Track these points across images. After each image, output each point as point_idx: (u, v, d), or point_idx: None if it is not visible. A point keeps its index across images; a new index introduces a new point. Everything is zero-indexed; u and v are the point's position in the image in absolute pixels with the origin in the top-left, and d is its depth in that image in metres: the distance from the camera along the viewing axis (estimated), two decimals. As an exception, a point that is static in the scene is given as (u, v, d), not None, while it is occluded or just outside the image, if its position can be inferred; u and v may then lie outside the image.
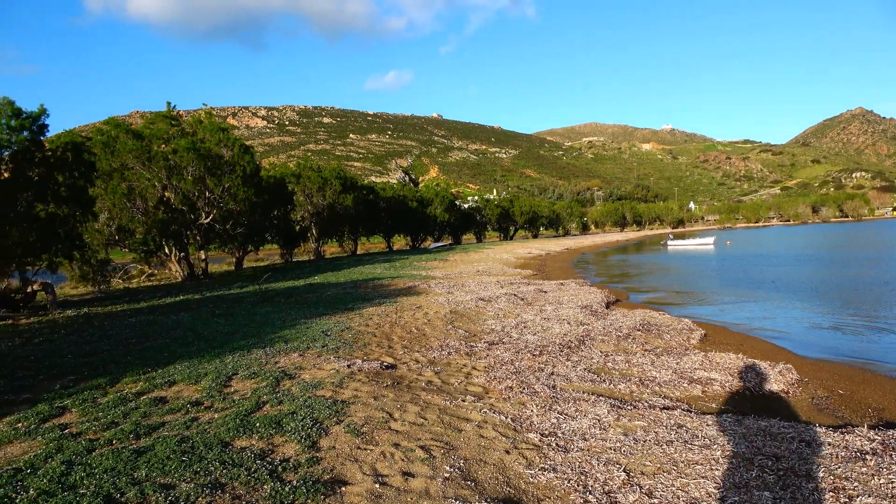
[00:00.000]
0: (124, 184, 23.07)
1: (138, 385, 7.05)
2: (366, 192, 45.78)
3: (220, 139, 25.11)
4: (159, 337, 10.42)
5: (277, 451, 4.94)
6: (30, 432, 5.51)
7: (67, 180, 16.99)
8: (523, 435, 5.52)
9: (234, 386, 6.93)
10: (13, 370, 8.30)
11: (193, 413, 5.89)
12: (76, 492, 4.08)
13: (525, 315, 12.60)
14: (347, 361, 8.15)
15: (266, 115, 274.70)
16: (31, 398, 6.84)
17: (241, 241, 30.35)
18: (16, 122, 15.85)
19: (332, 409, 5.93)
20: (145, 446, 4.94)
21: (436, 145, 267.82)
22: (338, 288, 18.03)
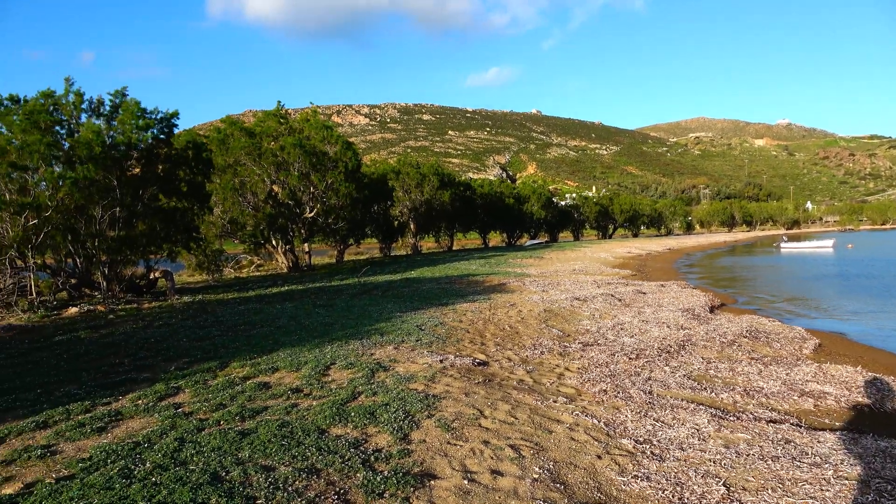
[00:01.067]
0: (236, 179, 24.49)
1: (245, 370, 7.47)
2: (463, 188, 46.11)
3: (324, 136, 26.09)
4: (265, 325, 10.99)
5: (370, 440, 5.09)
6: (148, 409, 5.98)
7: (188, 176, 18.21)
8: (616, 440, 5.38)
9: (331, 375, 7.19)
10: (136, 350, 9.03)
11: (294, 399, 6.18)
12: (186, 468, 4.39)
13: (622, 316, 12.25)
14: (440, 356, 8.25)
15: (368, 113, 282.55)
16: (151, 377, 7.41)
17: (343, 235, 31.43)
18: (143, 122, 17.19)
19: (424, 403, 6.03)
20: (249, 429, 5.23)
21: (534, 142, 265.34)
22: (433, 283, 18.29)
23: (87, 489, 4.05)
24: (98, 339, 10.20)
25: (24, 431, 5.45)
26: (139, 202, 17.07)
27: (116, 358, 8.64)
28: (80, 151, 15.17)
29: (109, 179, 16.04)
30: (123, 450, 4.77)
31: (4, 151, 14.62)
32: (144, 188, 17.23)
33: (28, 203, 14.09)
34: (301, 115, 28.77)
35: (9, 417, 5.94)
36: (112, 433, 5.31)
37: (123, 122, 17.01)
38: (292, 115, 29.81)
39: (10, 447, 5.08)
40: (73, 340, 10.23)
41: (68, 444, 5.09)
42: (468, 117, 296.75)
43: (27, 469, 4.57)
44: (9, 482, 4.31)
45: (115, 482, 4.14)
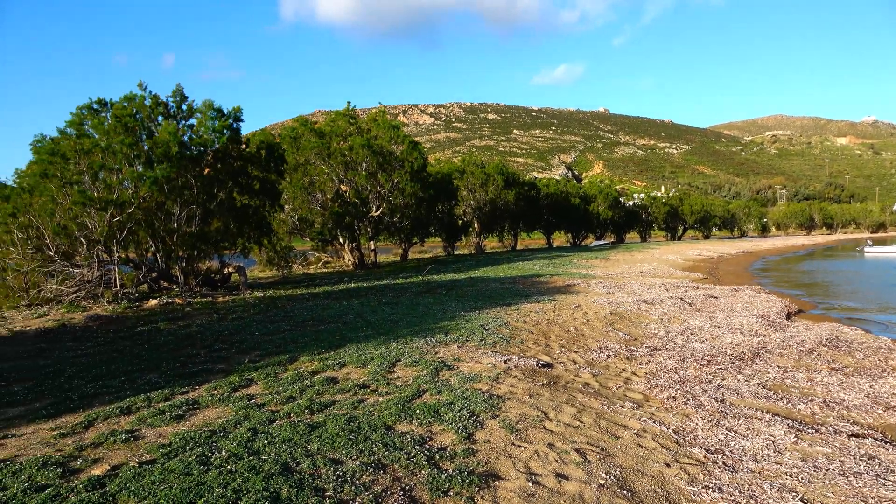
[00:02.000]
0: (306, 178, 25.13)
1: (313, 364, 7.67)
2: (527, 187, 45.79)
3: (391, 136, 26.44)
4: (332, 321, 11.25)
5: (435, 438, 5.13)
6: (223, 399, 6.22)
7: (260, 174, 18.82)
8: (686, 449, 5.23)
9: (397, 372, 7.29)
10: (212, 342, 9.41)
11: (360, 395, 6.30)
12: (259, 457, 4.55)
13: (692, 321, 11.89)
14: (504, 357, 8.23)
15: (434, 113, 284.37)
16: (225, 369, 7.71)
17: (408, 234, 31.77)
18: (218, 124, 17.88)
19: (488, 403, 6.03)
20: (318, 422, 5.37)
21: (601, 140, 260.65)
22: (497, 283, 18.25)
23: (167, 474, 4.26)
24: (176, 331, 10.69)
25: (110, 416, 5.77)
26: (214, 200, 17.77)
27: (193, 349, 9.03)
28: (159, 152, 15.91)
29: (186, 178, 16.76)
30: (200, 437, 4.99)
31: (91, 153, 15.51)
32: (219, 186, 17.92)
33: (112, 200, 14.89)
34: (369, 115, 29.25)
35: (96, 403, 6.31)
36: (190, 421, 5.56)
37: (200, 123, 17.75)
38: (361, 114, 30.35)
39: (97, 430, 5.39)
40: (153, 331, 10.76)
41: (150, 430, 5.37)
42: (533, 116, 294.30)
43: (113, 452, 4.85)
44: (97, 463, 4.58)
45: (193, 468, 4.33)
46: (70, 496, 3.98)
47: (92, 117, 16.73)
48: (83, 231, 14.87)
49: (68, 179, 15.04)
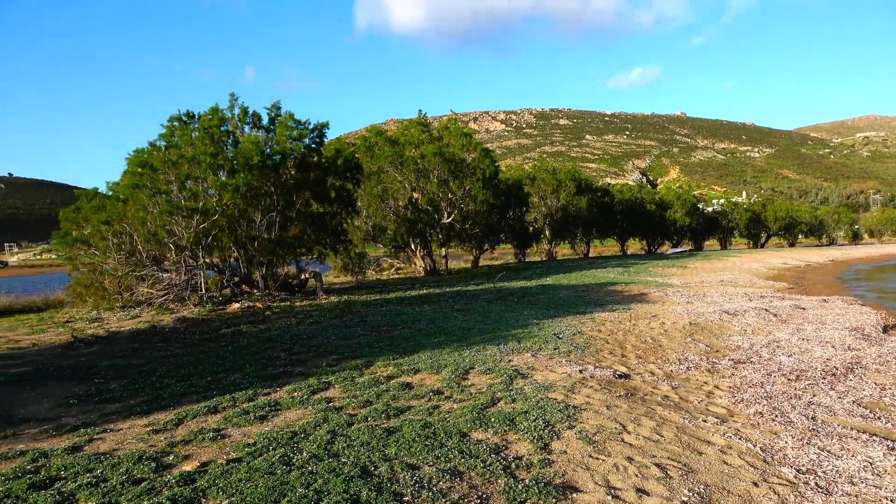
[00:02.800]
0: (380, 186, 25.60)
1: (388, 369, 7.79)
2: (600, 193, 45.00)
3: (463, 144, 26.58)
4: (406, 326, 11.38)
5: (511, 447, 5.10)
6: (303, 402, 6.40)
7: (337, 182, 19.31)
8: (775, 468, 4.99)
9: (470, 379, 7.30)
10: (291, 346, 9.71)
11: (435, 401, 6.34)
12: (339, 459, 4.65)
13: (778, 333, 11.34)
14: (579, 366, 8.10)
15: (504, 119, 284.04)
16: (304, 372, 7.94)
17: (479, 240, 31.80)
18: (296, 133, 18.49)
19: (564, 414, 5.94)
20: (394, 427, 5.44)
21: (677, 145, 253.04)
22: (569, 290, 17.99)
23: (252, 472, 4.42)
24: (257, 334, 11.09)
25: (198, 415, 6.05)
26: (293, 207, 18.38)
27: (273, 352, 9.35)
28: (241, 161, 16.59)
29: (267, 186, 17.41)
30: (283, 438, 5.15)
31: (179, 163, 16.35)
32: (297, 194, 18.52)
33: (198, 208, 15.63)
34: (441, 123, 29.52)
35: (185, 401, 6.62)
36: (272, 422, 5.75)
37: (279, 133, 18.41)
38: (433, 122, 30.68)
39: (187, 428, 5.66)
40: (236, 334, 11.20)
41: (235, 429, 5.59)
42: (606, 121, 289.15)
43: (202, 449, 5.07)
44: (188, 460, 4.81)
45: (276, 468, 4.48)
46: (164, 490, 4.19)
47: (181, 129, 17.64)
48: (171, 237, 15.68)
49: (158, 189, 15.90)
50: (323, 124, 19.10)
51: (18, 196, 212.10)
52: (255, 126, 18.58)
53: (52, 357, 9.66)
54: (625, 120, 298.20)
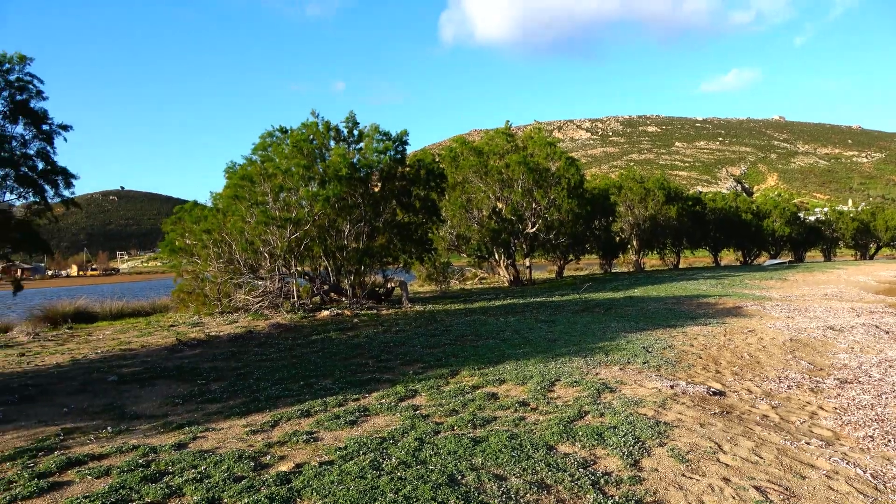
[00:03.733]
0: (464, 196, 25.79)
1: (473, 379, 7.82)
2: (691, 202, 43.43)
3: (548, 153, 26.39)
4: (490, 336, 11.39)
5: (599, 462, 5.00)
6: (391, 408, 6.54)
7: (422, 192, 19.62)
8: (888, 497, 4.63)
9: (556, 391, 7.21)
10: (378, 353, 9.93)
11: (521, 412, 6.31)
12: (426, 466, 4.72)
13: (890, 352, 10.52)
14: (670, 382, 7.83)
15: (590, 127, 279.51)
16: (391, 379, 8.10)
17: (563, 251, 31.40)
18: (382, 145, 18.96)
19: (655, 430, 5.77)
20: (480, 437, 5.45)
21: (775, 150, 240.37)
22: (658, 303, 17.44)
23: (344, 475, 4.55)
24: (346, 340, 11.42)
25: (292, 418, 6.30)
26: (379, 217, 18.83)
27: (362, 358, 9.59)
28: (330, 172, 17.18)
29: (354, 197, 17.94)
30: (372, 443, 5.28)
31: (273, 176, 17.13)
32: (384, 204, 18.97)
33: (290, 219, 16.31)
34: (525, 132, 29.44)
35: (280, 404, 6.91)
36: (362, 427, 5.91)
37: (366, 146, 18.94)
38: (517, 132, 30.65)
39: (282, 430, 5.90)
40: (326, 340, 11.57)
41: (327, 432, 5.78)
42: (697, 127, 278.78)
43: (296, 451, 5.28)
44: (283, 461, 5.02)
45: (366, 472, 4.60)
46: (262, 488, 4.39)
47: (274, 143, 18.49)
48: (266, 247, 16.43)
49: (254, 200, 16.72)
50: (402, 133, 19.46)
51: (129, 208, 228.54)
52: (343, 139, 19.21)
53: (158, 358, 10.32)
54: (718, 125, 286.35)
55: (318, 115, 18.88)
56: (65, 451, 5.46)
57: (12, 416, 6.90)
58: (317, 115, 18.89)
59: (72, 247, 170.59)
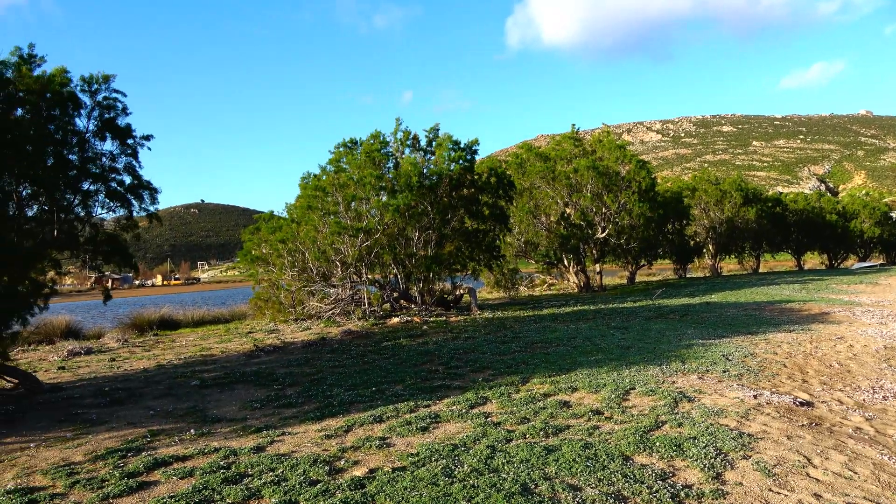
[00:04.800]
0: (531, 202, 25.59)
1: (545, 387, 7.71)
2: (771, 204, 41.57)
3: (617, 157, 25.86)
4: (561, 343, 11.22)
5: (679, 475, 4.81)
6: (461, 415, 6.52)
7: (490, 200, 19.59)
8: None
9: (631, 400, 7.01)
10: (448, 360, 9.95)
11: (595, 421, 6.16)
12: (499, 475, 4.67)
13: None
14: (753, 391, 7.47)
15: (660, 129, 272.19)
16: (462, 386, 8.09)
17: (634, 256, 30.65)
18: (454, 153, 19.06)
19: (738, 442, 5.51)
20: (553, 445, 5.36)
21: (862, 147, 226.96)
22: (738, 309, 16.72)
23: (417, 482, 4.57)
24: (416, 347, 11.50)
25: (365, 423, 6.38)
26: (448, 225, 18.93)
27: (432, 365, 9.63)
28: (401, 181, 17.40)
29: (424, 205, 18.09)
30: (444, 450, 5.28)
31: (345, 186, 17.50)
32: (452, 212, 19.06)
33: (361, 227, 16.60)
34: (593, 136, 28.98)
35: (353, 409, 7.02)
36: (433, 433, 5.92)
37: (438, 155, 19.10)
38: (584, 136, 30.20)
39: (355, 435, 5.99)
40: (396, 347, 11.70)
41: (399, 438, 5.82)
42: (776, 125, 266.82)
43: (369, 456, 5.34)
44: (357, 465, 5.08)
45: (439, 479, 4.59)
46: (337, 493, 4.46)
47: (347, 154, 18.91)
48: (338, 255, 16.79)
49: (327, 210, 17.14)
50: (473, 142, 19.54)
51: (209, 220, 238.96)
52: (415, 148, 19.46)
53: (237, 364, 10.70)
54: (798, 123, 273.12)
55: (400, 123, 19.27)
56: (151, 452, 5.72)
57: (104, 417, 7.30)
58: (399, 122, 19.29)
59: (156, 258, 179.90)
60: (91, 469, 5.34)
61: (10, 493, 4.77)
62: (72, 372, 10.86)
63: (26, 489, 4.88)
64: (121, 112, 9.61)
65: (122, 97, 9.56)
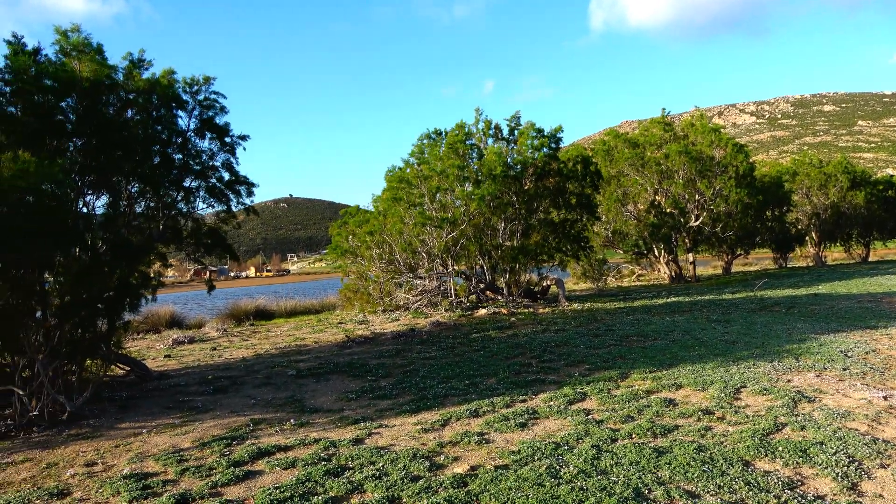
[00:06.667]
0: (619, 190, 24.78)
1: (646, 383, 7.34)
2: (882, 187, 38.44)
3: (711, 140, 24.60)
4: (658, 337, 10.73)
5: (808, 483, 4.40)
6: (560, 412, 6.29)
7: (577, 189, 19.09)
8: None
9: (743, 399, 6.55)
10: (540, 353, 9.70)
11: (705, 421, 5.78)
12: (608, 478, 4.41)
13: None
14: (882, 392, 6.82)
15: (755, 111, 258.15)
16: (556, 380, 7.84)
17: (731, 245, 29.16)
18: (537, 142, 18.67)
19: (872, 448, 5.00)
20: (663, 447, 5.04)
21: None
22: (851, 301, 15.50)
23: (521, 482, 4.39)
24: (506, 339, 11.31)
25: (461, 417, 6.27)
26: (533, 215, 18.59)
27: (524, 358, 9.42)
28: (485, 171, 17.21)
29: (509, 196, 17.83)
30: (546, 448, 5.07)
31: (429, 177, 17.48)
32: (538, 202, 18.69)
33: (447, 219, 16.54)
34: (684, 120, 27.70)
35: (448, 403, 6.93)
36: (532, 430, 5.72)
37: (520, 144, 18.76)
38: (675, 120, 28.91)
39: (452, 430, 5.88)
40: (485, 339, 11.56)
41: (498, 434, 5.66)
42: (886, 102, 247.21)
43: (469, 452, 5.21)
44: (457, 462, 4.96)
45: (544, 480, 4.39)
46: (440, 490, 4.35)
47: (430, 145, 18.91)
48: (424, 247, 16.83)
49: (412, 202, 17.20)
50: (557, 129, 19.06)
51: (297, 213, 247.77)
52: (498, 138, 19.21)
53: (330, 354, 10.88)
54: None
55: (480, 113, 19.09)
56: (255, 442, 5.83)
57: (209, 405, 7.55)
58: (480, 113, 19.11)
59: (249, 250, 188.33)
60: (199, 456, 5.49)
61: (126, 479, 4.97)
62: (177, 360, 11.39)
63: (140, 475, 5.07)
64: (219, 111, 9.93)
65: (221, 98, 9.87)
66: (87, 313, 7.53)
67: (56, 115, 7.88)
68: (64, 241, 7.22)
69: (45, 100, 7.68)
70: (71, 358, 7.57)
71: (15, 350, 7.11)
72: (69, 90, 7.88)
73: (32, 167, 6.04)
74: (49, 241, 6.78)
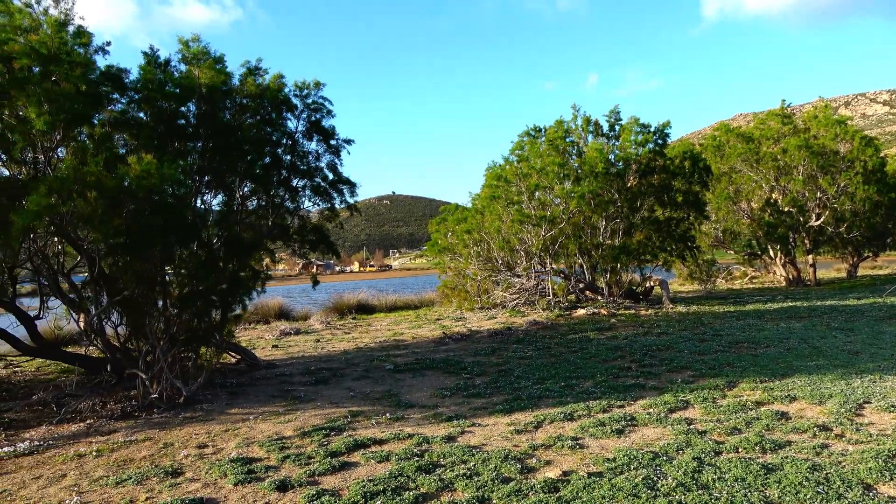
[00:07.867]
0: (731, 187, 23.48)
1: (756, 394, 6.90)
2: None
3: (836, 133, 22.76)
4: (771, 344, 10.07)
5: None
6: (660, 420, 6.03)
7: (683, 186, 18.28)
8: None
9: (867, 416, 6.01)
10: (640, 357, 9.38)
11: (822, 438, 5.35)
12: (710, 493, 4.18)
13: None
14: None
15: (888, 100, 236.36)
16: (657, 386, 7.54)
17: (856, 246, 26.88)
18: (641, 137, 18.03)
19: None
20: (773, 464, 4.71)
21: None
22: None
23: (615, 491, 4.24)
24: (605, 341, 11.02)
25: (555, 420, 6.16)
26: (637, 213, 17.97)
27: (623, 361, 9.14)
28: (586, 168, 16.82)
29: (611, 193, 17.33)
30: (643, 458, 4.87)
31: (528, 175, 17.31)
32: (641, 200, 18.05)
33: (545, 217, 16.32)
34: (806, 112, 25.80)
35: (542, 405, 6.84)
36: (629, 438, 5.53)
37: (623, 140, 18.18)
38: (795, 113, 26.97)
39: (546, 433, 5.79)
40: (583, 340, 11.31)
41: (592, 440, 5.51)
42: None
43: (561, 457, 5.11)
44: (549, 466, 4.88)
45: (640, 491, 4.22)
46: (530, 494, 4.29)
47: (529, 143, 18.72)
48: (522, 245, 16.70)
49: (510, 200, 17.10)
50: (664, 124, 18.31)
51: (399, 210, 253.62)
52: (598, 134, 18.71)
53: (427, 350, 11.04)
54: None
55: (577, 110, 18.68)
56: (352, 434, 6.01)
57: (311, 395, 7.87)
58: (578, 109, 18.71)
59: (353, 246, 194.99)
60: (299, 445, 5.73)
61: (233, 462, 5.27)
62: (283, 350, 11.96)
63: (246, 459, 5.36)
64: (326, 114, 10.30)
65: (328, 103, 10.24)
66: (202, 304, 8.05)
67: (178, 120, 8.48)
68: (185, 237, 7.76)
69: (169, 105, 8.27)
70: (187, 345, 8.13)
71: (141, 336, 7.73)
72: (189, 96, 8.44)
73: (153, 168, 6.52)
74: (172, 236, 7.31)
